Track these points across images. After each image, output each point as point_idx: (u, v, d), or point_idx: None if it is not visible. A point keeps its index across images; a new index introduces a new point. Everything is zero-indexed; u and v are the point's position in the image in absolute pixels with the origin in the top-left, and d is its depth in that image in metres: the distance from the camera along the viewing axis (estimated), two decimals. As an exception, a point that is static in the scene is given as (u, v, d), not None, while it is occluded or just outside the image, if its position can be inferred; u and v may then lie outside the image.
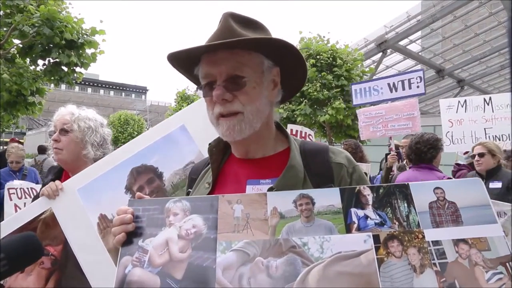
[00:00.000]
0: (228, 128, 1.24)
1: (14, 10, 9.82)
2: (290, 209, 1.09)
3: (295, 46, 1.30)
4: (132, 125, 34.86)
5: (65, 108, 2.38)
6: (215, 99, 1.23)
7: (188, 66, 1.34)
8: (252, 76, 1.25)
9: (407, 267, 0.98)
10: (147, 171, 2.07)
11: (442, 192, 1.10)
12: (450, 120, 6.52)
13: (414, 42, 22.32)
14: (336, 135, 15.37)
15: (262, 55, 1.28)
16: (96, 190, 2.10)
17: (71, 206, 2.09)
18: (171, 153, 2.09)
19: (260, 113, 1.28)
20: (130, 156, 2.12)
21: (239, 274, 1.00)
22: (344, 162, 1.32)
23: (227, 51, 1.22)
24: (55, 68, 10.71)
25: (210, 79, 1.26)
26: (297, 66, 1.38)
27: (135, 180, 2.07)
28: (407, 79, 6.59)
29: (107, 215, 2.04)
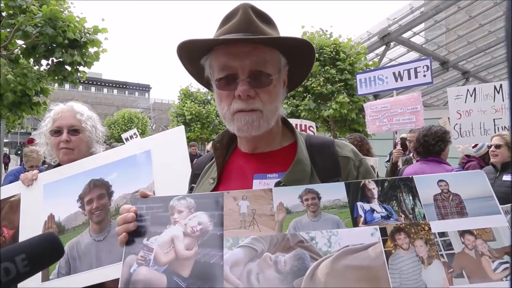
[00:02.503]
0: (246, 123, 1.22)
1: (17, 11, 9.85)
2: (296, 204, 1.10)
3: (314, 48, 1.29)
4: (136, 123, 34.97)
5: (71, 105, 2.36)
6: (240, 94, 1.20)
7: (196, 55, 1.31)
8: (274, 74, 1.24)
9: (415, 259, 0.98)
10: (101, 186, 2.06)
11: (446, 184, 1.11)
12: (459, 112, 6.23)
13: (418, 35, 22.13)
14: (340, 129, 15.32)
15: (279, 52, 1.27)
16: (57, 190, 2.13)
17: (33, 198, 2.14)
18: (127, 175, 2.07)
19: (276, 112, 1.29)
20: (97, 166, 2.13)
21: (247, 270, 1.01)
22: (351, 155, 1.32)
23: (250, 45, 1.20)
24: (58, 68, 10.75)
25: (230, 72, 1.22)
26: (303, 66, 1.38)
27: (89, 191, 2.07)
28: (413, 68, 6.42)
29: (55, 216, 2.07)
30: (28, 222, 2.09)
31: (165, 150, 2.07)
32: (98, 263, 1.88)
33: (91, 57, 10.87)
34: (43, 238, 0.95)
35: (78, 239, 1.99)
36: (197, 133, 24.93)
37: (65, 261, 1.95)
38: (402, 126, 6.33)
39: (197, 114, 25.24)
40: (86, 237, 1.98)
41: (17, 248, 0.88)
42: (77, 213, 2.04)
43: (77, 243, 1.98)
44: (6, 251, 0.85)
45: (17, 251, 0.86)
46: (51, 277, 1.94)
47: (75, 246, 1.98)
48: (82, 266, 1.92)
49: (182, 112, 25.34)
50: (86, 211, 2.03)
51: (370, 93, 7.21)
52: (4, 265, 0.81)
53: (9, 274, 0.81)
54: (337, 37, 15.23)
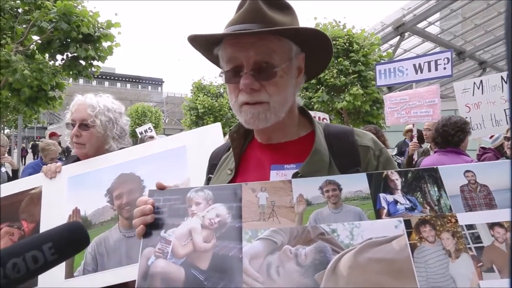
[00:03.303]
0: (252, 116, 1.19)
1: (32, 7, 9.98)
2: (316, 196, 1.07)
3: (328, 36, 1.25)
4: (149, 117, 35.23)
5: (84, 99, 2.27)
6: (243, 87, 1.18)
7: (208, 47, 1.29)
8: (281, 65, 1.20)
9: (441, 252, 0.95)
10: (131, 181, 2.00)
11: (473, 175, 1.06)
12: (467, 105, 6.15)
13: (433, 24, 21.69)
14: (353, 121, 15.17)
15: (290, 41, 1.23)
16: (83, 183, 2.07)
17: (57, 191, 2.08)
18: (160, 170, 2.01)
19: (286, 103, 1.25)
20: (126, 161, 2.08)
21: (267, 263, 0.98)
22: (371, 144, 1.28)
23: (255, 36, 1.16)
24: (73, 63, 10.89)
25: (236, 63, 1.20)
26: (321, 52, 1.33)
27: (118, 185, 2.01)
28: (434, 60, 6.30)
29: (81, 211, 2.00)
30: (50, 216, 2.02)
31: (200, 146, 1.98)
32: (129, 260, 1.82)
33: (104, 52, 10.98)
34: (69, 227, 0.96)
35: (107, 235, 1.93)
36: (210, 127, 24.96)
37: (92, 257, 1.88)
38: (419, 119, 6.24)
39: (210, 107, 25.32)
40: (115, 233, 1.92)
41: (44, 236, 0.89)
42: (105, 207, 1.98)
43: (105, 239, 1.91)
44: (33, 240, 0.87)
45: (44, 240, 0.86)
46: (76, 273, 1.87)
47: (103, 242, 1.91)
48: (111, 262, 1.86)
49: (195, 106, 25.45)
50: (115, 206, 1.97)
51: (389, 84, 7.12)
52: (32, 253, 0.82)
53: (37, 262, 0.82)
54: (351, 28, 15.06)
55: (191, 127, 25.52)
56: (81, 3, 10.60)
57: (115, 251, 1.87)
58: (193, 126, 25.53)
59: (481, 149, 5.97)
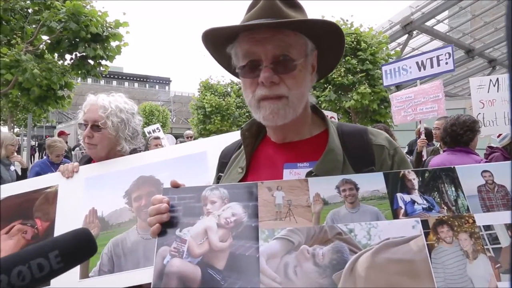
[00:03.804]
0: (271, 111, 1.18)
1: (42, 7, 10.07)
2: (333, 195, 1.06)
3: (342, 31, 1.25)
4: (157, 116, 35.36)
5: (96, 99, 2.25)
6: (263, 80, 1.16)
7: (221, 44, 1.28)
8: (299, 59, 1.19)
9: (459, 253, 0.94)
10: (151, 183, 2.00)
11: (490, 175, 1.05)
12: (482, 101, 6.13)
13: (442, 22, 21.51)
14: (361, 120, 15.10)
15: (305, 36, 1.23)
16: (100, 184, 2.07)
17: (74, 191, 2.07)
18: (180, 175, 2.00)
19: (303, 98, 1.24)
20: (146, 164, 2.08)
21: (284, 263, 0.98)
22: (385, 143, 1.26)
23: (272, 30, 1.16)
24: (82, 62, 10.98)
25: (253, 58, 1.19)
26: (332, 51, 1.33)
27: (137, 188, 2.01)
28: (436, 56, 6.39)
29: (98, 211, 2.00)
30: (66, 216, 2.02)
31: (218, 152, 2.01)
32: (147, 262, 1.81)
33: (113, 51, 11.05)
34: (76, 234, 0.93)
35: (124, 236, 1.92)
36: (217, 126, 25.04)
37: (108, 258, 1.88)
38: (425, 115, 6.30)
39: (217, 106, 25.33)
40: (133, 235, 1.91)
41: (51, 243, 0.86)
42: (123, 209, 1.98)
43: (123, 240, 1.91)
44: (39, 247, 0.84)
45: (51, 247, 0.84)
46: (91, 274, 1.87)
47: (120, 244, 1.90)
48: (128, 264, 1.85)
49: (202, 105, 25.48)
50: (133, 208, 1.97)
51: (395, 84, 7.20)
52: (38, 261, 0.80)
53: (43, 270, 0.80)
54: (358, 27, 14.98)
55: (198, 126, 25.57)
56: (89, 3, 10.68)
57: (132, 252, 1.87)
58: (200, 125, 25.58)
59: (488, 148, 5.93)
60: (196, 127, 25.66)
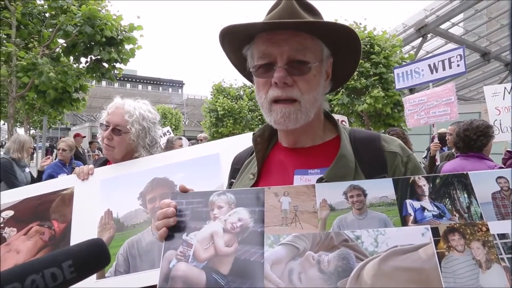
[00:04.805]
0: (283, 115, 1.18)
1: (59, 11, 10.27)
2: (340, 201, 1.04)
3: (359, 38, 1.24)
4: (169, 118, 35.64)
5: (123, 104, 2.28)
6: (276, 80, 1.16)
7: (239, 44, 1.28)
8: (314, 63, 1.19)
9: (471, 262, 0.90)
10: (165, 185, 2.04)
11: (506, 181, 1.01)
12: (497, 108, 6.08)
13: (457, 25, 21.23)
14: (374, 124, 14.95)
15: (322, 42, 1.22)
16: (115, 186, 2.10)
17: (89, 193, 2.10)
18: (194, 176, 2.04)
19: (315, 103, 1.23)
20: (159, 166, 2.10)
21: (289, 269, 0.96)
22: (398, 150, 1.24)
23: (290, 32, 1.16)
24: (96, 65, 11.17)
25: (269, 59, 1.19)
26: (349, 60, 1.32)
27: (151, 189, 2.03)
28: (447, 58, 6.31)
29: (113, 213, 2.03)
30: (82, 217, 2.05)
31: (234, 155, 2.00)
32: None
33: (127, 54, 11.21)
34: (90, 244, 0.93)
35: (139, 237, 1.94)
36: (229, 129, 25.13)
37: (124, 259, 1.90)
38: (438, 118, 6.24)
39: (230, 109, 25.43)
40: (147, 236, 1.93)
41: (65, 253, 0.87)
42: (138, 210, 2.01)
43: (138, 241, 1.94)
44: (53, 256, 0.85)
45: (64, 257, 0.85)
46: (107, 274, 1.89)
47: (135, 244, 1.93)
48: (143, 264, 1.87)
49: (215, 108, 25.61)
50: (148, 209, 1.99)
51: (407, 87, 7.15)
52: (51, 270, 0.80)
53: (56, 280, 0.80)
54: (372, 30, 14.87)
55: (211, 129, 25.69)
56: (105, 7, 10.86)
57: (147, 253, 1.89)
58: (213, 128, 25.69)
59: (507, 152, 5.81)
60: (209, 130, 25.79)
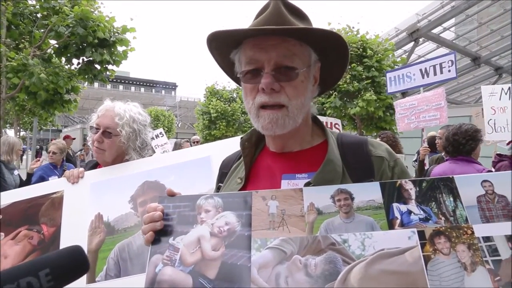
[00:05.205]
0: (270, 121, 1.18)
1: (50, 12, 10.19)
2: (327, 205, 1.04)
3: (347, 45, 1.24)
4: (162, 120, 35.50)
5: (113, 106, 2.27)
6: (263, 86, 1.16)
7: (226, 49, 1.28)
8: (302, 69, 1.19)
9: (456, 265, 0.91)
10: (156, 188, 2.03)
11: (490, 185, 1.02)
12: (493, 108, 6.16)
13: (448, 30, 21.47)
14: (366, 127, 15.05)
15: (310, 47, 1.22)
16: (106, 189, 2.08)
17: (79, 196, 2.08)
18: (185, 180, 2.03)
19: (303, 108, 1.23)
20: (151, 169, 2.09)
21: (276, 273, 0.96)
22: (385, 155, 1.25)
23: (278, 38, 1.15)
24: (88, 67, 11.09)
25: (256, 65, 1.18)
26: (336, 64, 1.33)
27: (142, 193, 2.02)
28: (439, 63, 6.41)
29: (103, 216, 2.01)
30: (72, 221, 2.03)
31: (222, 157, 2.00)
32: None
33: (119, 56, 11.15)
34: (69, 252, 0.91)
35: (130, 241, 1.93)
36: (222, 131, 25.10)
37: (114, 262, 1.89)
38: (428, 123, 6.33)
39: (223, 112, 25.41)
40: (139, 239, 1.91)
41: (42, 261, 0.85)
42: (129, 214, 1.99)
43: (129, 245, 1.92)
44: (30, 265, 0.83)
45: (41, 265, 0.83)
46: (98, 279, 1.87)
47: (126, 248, 1.92)
48: (134, 268, 1.86)
49: (208, 110, 25.57)
50: (139, 213, 1.98)
51: (399, 91, 7.24)
52: (27, 280, 0.78)
53: None
54: (364, 34, 14.98)
55: (203, 132, 25.64)
56: (98, 9, 10.80)
57: (138, 257, 1.87)
58: (206, 131, 25.64)
59: (497, 156, 5.88)
60: (201, 133, 25.74)
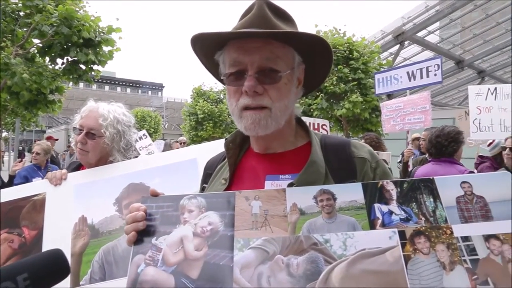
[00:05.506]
0: (253, 121, 1.18)
1: (34, 10, 10.01)
2: (310, 205, 1.05)
3: (330, 47, 1.25)
4: (148, 121, 35.21)
5: (97, 107, 2.24)
6: (246, 89, 1.16)
7: (211, 50, 1.28)
8: (285, 71, 1.19)
9: (435, 264, 0.93)
10: (141, 191, 2.01)
11: (469, 186, 1.04)
12: (479, 107, 6.33)
13: (433, 33, 21.81)
14: (353, 129, 15.17)
15: (294, 50, 1.23)
16: (90, 191, 2.05)
17: (62, 198, 2.04)
18: (171, 182, 2.02)
19: (286, 110, 1.24)
20: (136, 171, 2.07)
21: (258, 273, 0.97)
22: (367, 156, 1.27)
23: (261, 40, 1.16)
24: (73, 67, 10.91)
25: (240, 67, 1.19)
26: (321, 66, 1.33)
27: (127, 195, 2.00)
28: (425, 67, 6.55)
29: (88, 219, 1.98)
30: (54, 224, 1.99)
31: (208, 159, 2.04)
32: None
33: (105, 56, 11.00)
34: (48, 256, 0.90)
35: (115, 243, 1.90)
36: (209, 132, 25.01)
37: (99, 266, 1.86)
38: (413, 125, 6.45)
39: (210, 113, 25.33)
40: (124, 242, 1.88)
41: (20, 266, 0.83)
42: (114, 216, 1.97)
43: (114, 248, 1.89)
44: (8, 269, 0.81)
45: (19, 270, 0.81)
46: (82, 282, 1.84)
47: (111, 251, 1.89)
48: (120, 271, 1.83)
49: (195, 111, 25.46)
50: (124, 215, 1.93)
51: (386, 92, 7.34)
52: (4, 285, 0.77)
53: None
54: (351, 36, 15.10)
55: (190, 133, 25.52)
56: (83, 8, 10.65)
57: (124, 259, 1.85)
58: (192, 132, 25.52)
59: (479, 157, 6.00)
60: (188, 134, 25.61)
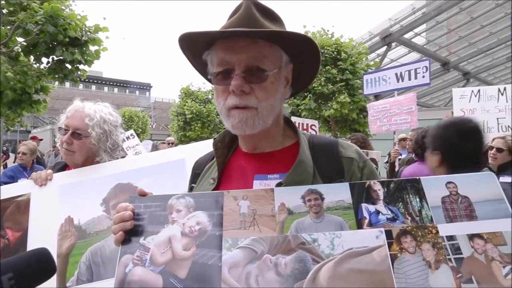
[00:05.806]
0: (240, 120, 1.18)
1: (18, 8, 9.82)
2: (298, 205, 1.06)
3: (317, 46, 1.26)
4: (136, 122, 34.93)
5: (83, 107, 2.20)
6: (233, 89, 1.16)
7: (198, 49, 1.28)
8: (272, 70, 1.20)
9: (421, 263, 0.94)
10: (129, 191, 1.98)
11: (454, 186, 1.06)
12: (462, 110, 6.50)
13: (419, 35, 22.11)
14: (341, 129, 15.30)
15: (281, 49, 1.23)
16: (76, 192, 2.02)
17: (47, 199, 2.02)
18: (159, 182, 2.01)
19: (273, 110, 1.24)
20: (123, 171, 2.05)
21: (246, 272, 0.97)
22: (355, 156, 1.28)
23: (248, 40, 1.16)
24: (59, 66, 10.74)
25: (227, 67, 1.19)
26: (309, 66, 1.34)
27: (115, 195, 1.98)
28: (414, 69, 6.65)
29: (74, 220, 1.95)
30: (40, 225, 1.96)
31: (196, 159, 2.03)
32: None
33: (91, 56, 10.85)
34: (34, 255, 0.88)
35: (102, 244, 1.88)
36: (197, 132, 24.93)
37: (86, 267, 1.84)
38: (399, 126, 6.54)
39: (198, 113, 25.25)
40: (111, 243, 1.81)
41: (5, 265, 0.82)
42: (101, 217, 1.95)
43: (101, 248, 1.87)
44: None
45: (4, 269, 0.80)
46: (69, 284, 1.82)
47: (98, 252, 1.87)
48: (107, 272, 1.81)
49: (183, 111, 25.35)
50: (111, 216, 1.90)
51: (375, 93, 7.43)
52: None
53: None
54: (339, 37, 15.23)
55: (178, 133, 25.39)
56: (69, 6, 10.50)
57: (111, 260, 1.82)
58: (180, 132, 25.40)
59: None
60: (176, 134, 25.48)
